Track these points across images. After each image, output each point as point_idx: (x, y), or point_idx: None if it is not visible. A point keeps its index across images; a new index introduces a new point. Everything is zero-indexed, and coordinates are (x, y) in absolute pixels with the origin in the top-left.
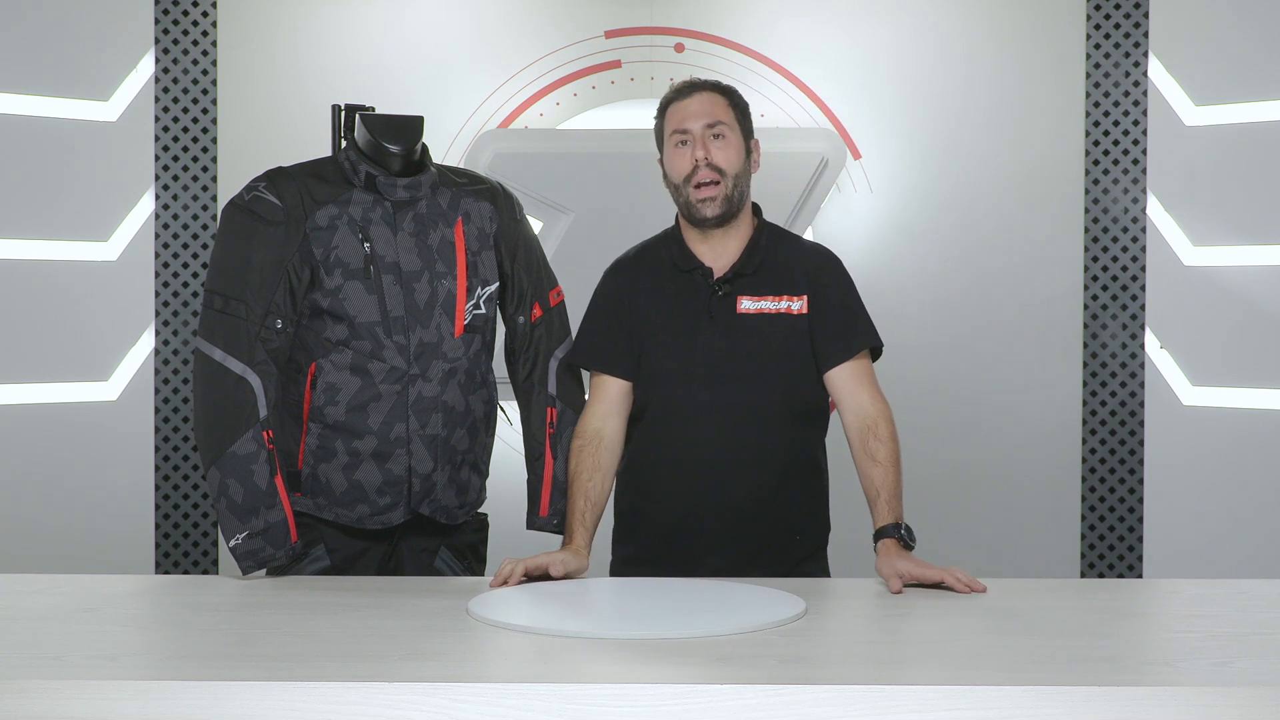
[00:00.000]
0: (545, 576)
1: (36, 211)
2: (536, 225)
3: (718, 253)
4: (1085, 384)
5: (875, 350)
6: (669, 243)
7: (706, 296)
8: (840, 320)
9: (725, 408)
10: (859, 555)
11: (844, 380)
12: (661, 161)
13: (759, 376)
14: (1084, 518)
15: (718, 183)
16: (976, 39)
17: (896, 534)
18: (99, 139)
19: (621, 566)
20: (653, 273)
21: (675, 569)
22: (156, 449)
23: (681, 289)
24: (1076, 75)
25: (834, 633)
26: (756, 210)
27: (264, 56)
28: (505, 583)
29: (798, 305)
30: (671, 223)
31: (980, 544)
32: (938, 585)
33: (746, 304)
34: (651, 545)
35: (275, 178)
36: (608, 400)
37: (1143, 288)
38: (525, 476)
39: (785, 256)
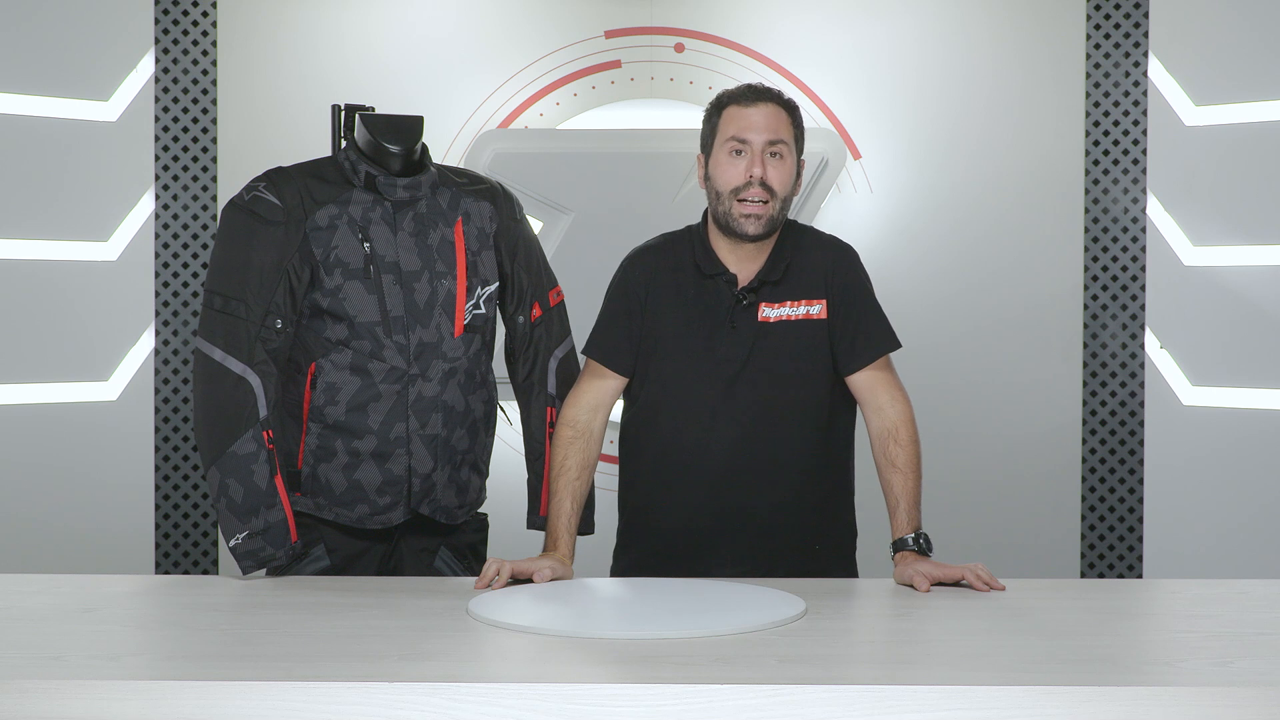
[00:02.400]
0: (529, 579)
1: (36, 211)
2: (536, 225)
3: (744, 262)
4: (1085, 384)
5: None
6: (693, 242)
7: (729, 305)
8: (860, 324)
9: (743, 413)
10: (861, 551)
11: (865, 384)
12: (702, 160)
13: (779, 382)
14: (1084, 518)
15: (766, 202)
16: (976, 39)
17: (915, 546)
18: (99, 139)
19: (624, 573)
20: (674, 271)
21: (681, 577)
22: (156, 449)
23: (703, 294)
24: (1076, 75)
25: (834, 633)
26: None
27: (264, 56)
28: (490, 585)
29: (816, 309)
30: (679, 220)
31: (980, 544)
32: (957, 583)
33: (767, 310)
34: (660, 553)
35: (275, 178)
36: (600, 394)
37: (1143, 288)
38: (525, 476)
39: (806, 257)
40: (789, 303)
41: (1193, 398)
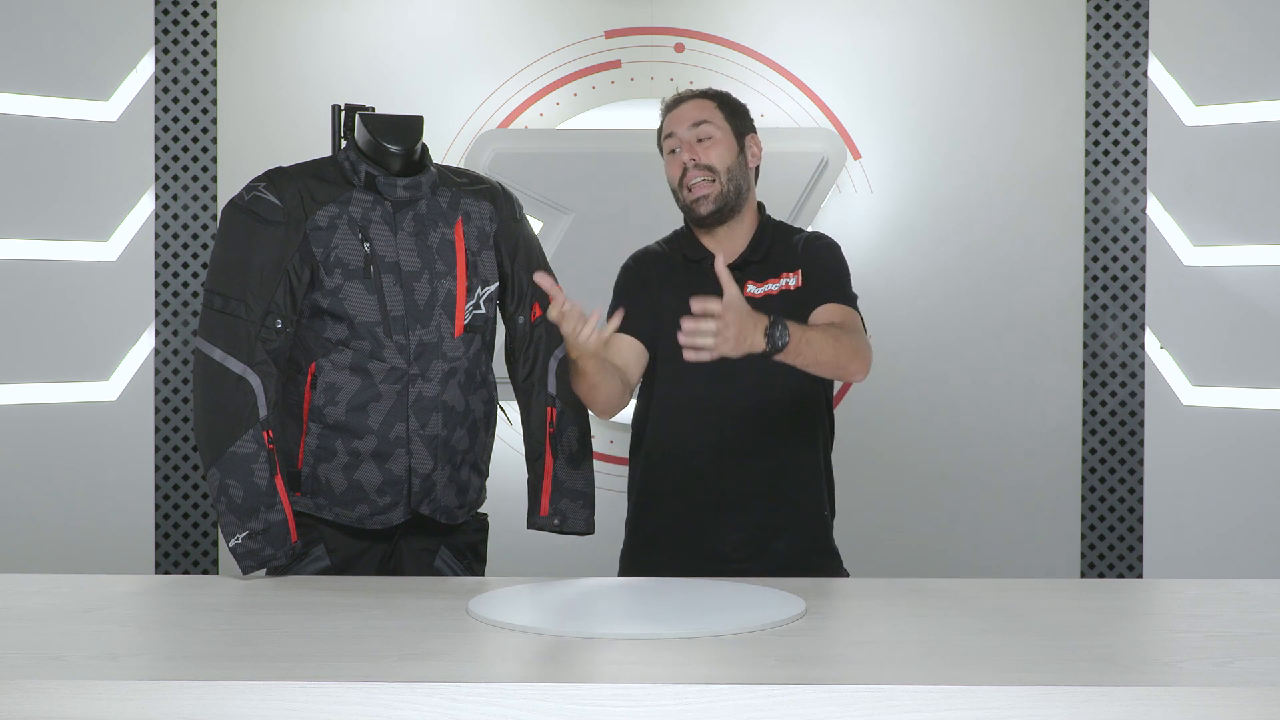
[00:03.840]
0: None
1: (36, 211)
2: (536, 225)
3: (726, 246)
4: (1085, 384)
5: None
6: (679, 239)
7: (716, 282)
8: (829, 282)
9: (735, 389)
10: (862, 552)
11: (823, 317)
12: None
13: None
14: (1084, 518)
15: (712, 181)
16: (976, 39)
17: (770, 320)
18: (99, 139)
19: (636, 551)
20: (666, 264)
21: (692, 550)
22: (156, 449)
23: (693, 277)
24: (1076, 75)
25: (834, 633)
26: (760, 207)
27: (264, 56)
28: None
29: (794, 281)
30: (677, 223)
31: (980, 544)
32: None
33: (753, 288)
34: (668, 526)
35: (275, 178)
36: (620, 344)
37: (1143, 288)
38: (525, 476)
39: (786, 243)
40: (770, 279)
41: (1193, 398)
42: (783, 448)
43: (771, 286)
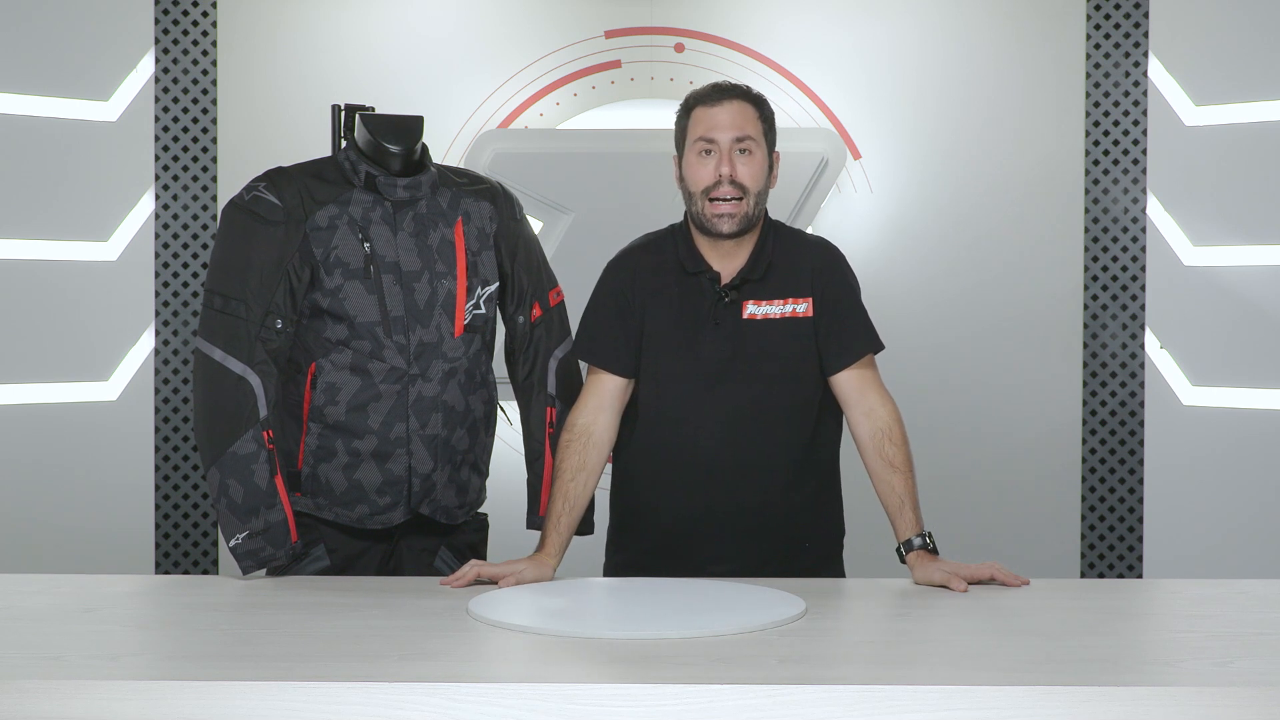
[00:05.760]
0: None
1: (36, 211)
2: (536, 225)
3: (726, 259)
4: (1085, 384)
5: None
6: (676, 241)
7: (713, 301)
8: (844, 324)
9: (730, 411)
10: (871, 559)
11: (850, 384)
12: (677, 161)
13: (764, 380)
14: (1084, 518)
15: (740, 199)
16: (977, 39)
17: (925, 545)
18: (99, 139)
19: (616, 571)
20: (657, 270)
21: (674, 576)
22: (156, 449)
23: (687, 291)
24: (1076, 75)
25: (834, 633)
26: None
27: (264, 56)
28: (454, 584)
29: (803, 308)
30: (675, 218)
31: (980, 544)
32: (988, 582)
33: (752, 308)
34: (650, 551)
35: (275, 178)
36: (601, 395)
37: (1143, 288)
38: (525, 476)
39: (791, 257)
40: (775, 301)
41: (1193, 398)
42: (774, 468)
43: (774, 310)
